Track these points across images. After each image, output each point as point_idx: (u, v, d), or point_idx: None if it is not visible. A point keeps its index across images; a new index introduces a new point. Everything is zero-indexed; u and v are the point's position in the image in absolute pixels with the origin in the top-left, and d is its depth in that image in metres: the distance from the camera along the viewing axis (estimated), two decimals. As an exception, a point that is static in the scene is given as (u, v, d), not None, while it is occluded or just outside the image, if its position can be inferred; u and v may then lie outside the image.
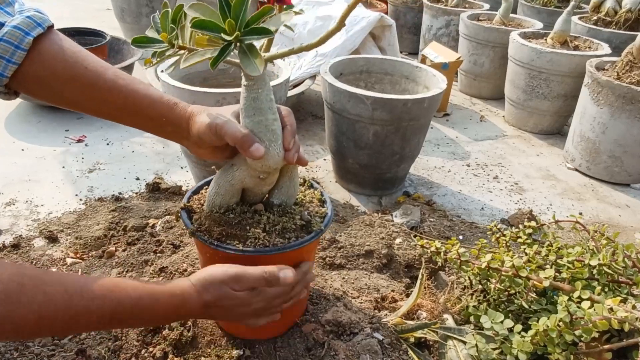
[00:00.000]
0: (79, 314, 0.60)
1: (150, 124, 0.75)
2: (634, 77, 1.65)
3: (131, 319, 0.66)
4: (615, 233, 0.93)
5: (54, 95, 0.73)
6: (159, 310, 0.67)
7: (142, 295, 0.66)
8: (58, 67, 0.70)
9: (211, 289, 0.69)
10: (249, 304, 0.72)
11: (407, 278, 1.15)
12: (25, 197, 1.45)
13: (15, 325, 0.55)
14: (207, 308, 0.70)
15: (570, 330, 0.74)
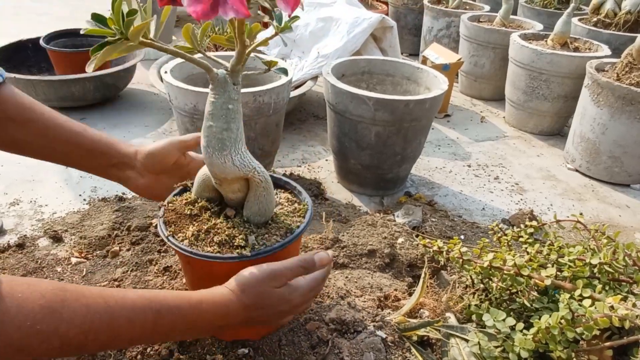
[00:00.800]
0: (122, 326, 0.60)
1: (100, 159, 0.84)
2: (633, 79, 1.66)
3: (172, 330, 0.65)
4: (615, 232, 0.94)
5: (7, 137, 0.80)
6: (199, 319, 0.66)
7: (182, 304, 0.65)
8: (13, 111, 0.78)
9: (250, 291, 0.68)
10: (288, 300, 0.71)
11: (410, 277, 1.16)
12: (29, 197, 1.46)
13: (62, 340, 0.55)
14: (249, 311, 0.69)
15: (572, 328, 0.75)
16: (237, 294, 0.68)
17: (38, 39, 2.13)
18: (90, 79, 1.90)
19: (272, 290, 0.69)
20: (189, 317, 0.65)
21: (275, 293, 0.69)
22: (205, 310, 0.66)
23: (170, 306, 0.64)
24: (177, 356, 0.88)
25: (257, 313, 0.70)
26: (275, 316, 0.73)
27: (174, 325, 0.64)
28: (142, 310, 0.61)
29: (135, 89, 2.36)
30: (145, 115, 2.09)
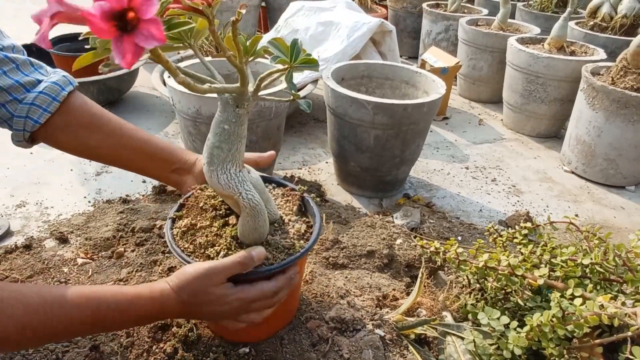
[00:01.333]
0: (61, 323, 0.64)
1: (161, 165, 0.90)
2: (628, 82, 1.69)
3: (113, 323, 0.69)
4: (607, 234, 0.97)
5: (78, 142, 0.87)
6: (137, 313, 0.70)
7: (120, 300, 0.69)
8: (84, 118, 0.85)
9: (187, 288, 0.71)
10: (225, 302, 0.72)
11: (408, 277, 1.19)
12: (35, 199, 1.49)
13: (0, 336, 0.59)
14: (186, 306, 0.72)
15: (563, 325, 0.78)
16: (174, 290, 0.71)
17: (42, 43, 2.16)
18: (94, 82, 1.94)
19: (208, 287, 0.71)
20: (127, 312, 0.69)
21: (211, 291, 0.71)
22: (142, 305, 0.70)
23: (109, 302, 0.68)
24: (182, 354, 0.91)
25: (194, 309, 0.73)
26: (213, 314, 0.74)
27: (113, 320, 0.69)
28: (79, 308, 0.66)
29: (138, 92, 2.39)
30: (148, 119, 2.12)
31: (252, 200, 0.73)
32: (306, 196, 0.89)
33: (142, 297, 0.70)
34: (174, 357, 0.91)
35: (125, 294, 0.70)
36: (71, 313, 0.65)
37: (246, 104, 0.70)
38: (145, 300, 0.71)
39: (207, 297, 0.72)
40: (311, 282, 1.08)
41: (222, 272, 0.71)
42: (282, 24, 2.29)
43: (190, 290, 0.71)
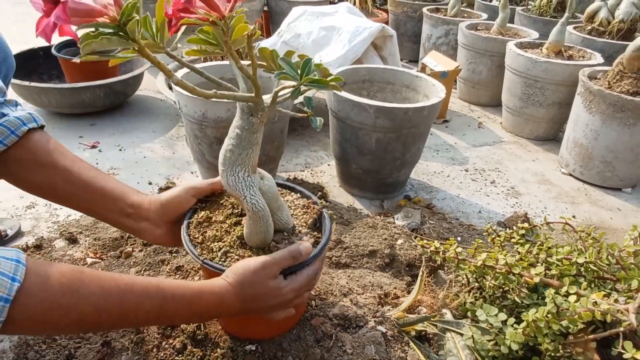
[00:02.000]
0: (131, 308, 0.67)
1: (113, 207, 0.87)
2: (624, 86, 1.73)
3: (175, 315, 0.72)
4: (601, 233, 1.00)
5: (29, 177, 0.85)
6: (200, 307, 0.73)
7: (186, 293, 0.72)
8: (40, 154, 0.84)
9: (245, 282, 0.74)
10: (280, 293, 0.77)
11: (408, 276, 1.22)
12: (44, 200, 1.53)
13: (79, 316, 0.62)
14: (245, 301, 0.75)
15: (557, 321, 0.81)
16: (233, 285, 0.74)
17: (49, 47, 2.20)
18: (101, 86, 1.97)
19: (265, 280, 0.75)
20: (191, 305, 0.72)
21: (267, 283, 0.75)
22: (206, 299, 0.73)
23: (175, 294, 0.71)
24: (190, 349, 0.94)
25: (251, 304, 0.76)
26: (268, 308, 0.79)
27: (177, 311, 0.71)
28: (150, 296, 0.69)
29: (143, 96, 2.43)
30: (153, 122, 2.16)
31: (256, 205, 0.77)
32: (324, 212, 0.90)
33: (206, 291, 0.74)
34: (182, 352, 0.94)
35: (190, 287, 0.73)
36: (141, 300, 0.68)
37: (260, 113, 0.73)
38: (209, 295, 0.74)
39: (264, 290, 0.75)
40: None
41: (276, 264, 0.76)
42: (284, 29, 2.33)
43: (248, 284, 0.74)
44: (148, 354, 0.95)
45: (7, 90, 0.88)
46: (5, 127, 0.81)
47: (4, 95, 0.86)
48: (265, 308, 0.79)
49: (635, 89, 1.70)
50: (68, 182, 0.85)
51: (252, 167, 0.78)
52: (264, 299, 0.76)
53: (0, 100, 0.84)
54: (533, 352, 0.92)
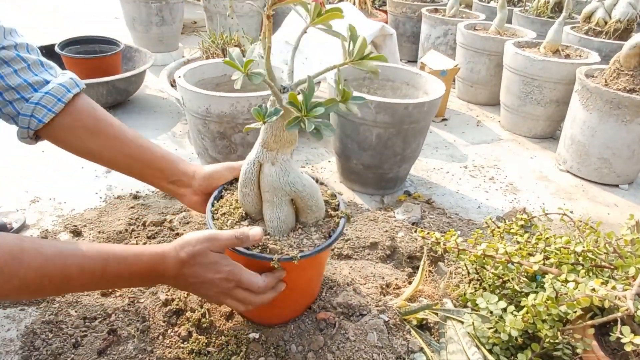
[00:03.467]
0: (73, 273, 0.69)
1: (159, 175, 0.92)
2: (620, 84, 1.75)
3: (118, 277, 0.74)
4: (598, 223, 1.02)
5: (79, 144, 0.89)
6: (141, 268, 0.75)
7: (127, 254, 0.74)
8: (88, 121, 0.87)
9: (187, 247, 0.76)
10: (217, 270, 0.77)
11: (409, 268, 1.24)
12: (48, 195, 1.54)
13: (21, 283, 0.65)
14: (183, 266, 0.76)
15: (556, 306, 0.83)
16: (175, 248, 0.76)
17: (52, 46, 2.21)
18: (103, 84, 1.99)
19: (207, 251, 0.76)
20: (132, 266, 0.74)
21: (209, 255, 0.76)
22: (146, 261, 0.75)
23: (117, 256, 0.73)
24: (196, 337, 0.96)
25: (189, 271, 0.76)
26: (203, 283, 0.78)
27: (120, 273, 0.73)
28: (92, 259, 0.71)
29: (145, 94, 2.44)
30: (155, 119, 2.18)
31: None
32: (342, 220, 0.89)
33: (146, 252, 0.76)
34: (188, 339, 0.96)
35: (132, 249, 0.76)
36: (83, 263, 0.70)
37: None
38: (149, 255, 0.75)
39: (203, 259, 0.76)
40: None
41: (220, 240, 0.77)
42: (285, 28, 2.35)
43: (190, 250, 0.76)
44: (154, 341, 0.97)
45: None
46: (52, 95, 0.83)
47: (40, 55, 0.87)
48: (199, 283, 0.78)
49: (631, 86, 1.73)
50: (118, 151, 0.88)
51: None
52: (201, 269, 0.77)
53: (37, 60, 0.85)
54: (532, 340, 0.94)
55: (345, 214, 0.89)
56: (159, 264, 0.76)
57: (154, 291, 1.09)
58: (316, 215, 0.87)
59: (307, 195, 0.83)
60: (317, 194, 0.85)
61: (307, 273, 0.92)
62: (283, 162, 0.81)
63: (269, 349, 0.93)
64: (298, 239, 0.84)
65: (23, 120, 0.84)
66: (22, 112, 0.83)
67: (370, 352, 0.92)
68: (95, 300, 1.08)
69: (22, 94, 0.83)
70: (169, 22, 2.91)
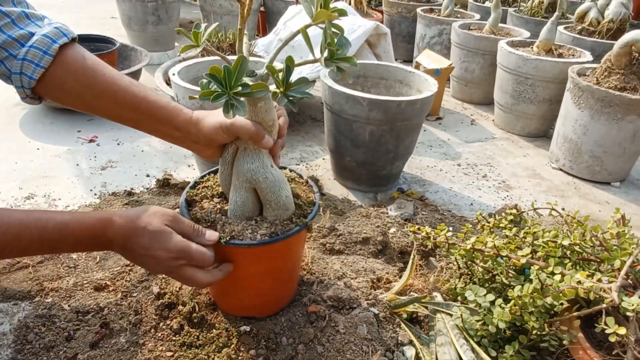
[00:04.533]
0: (8, 240, 0.69)
1: (161, 128, 0.85)
2: (611, 82, 1.77)
3: (59, 242, 0.73)
4: (585, 217, 1.04)
5: (75, 99, 0.83)
6: (84, 233, 0.73)
7: (67, 220, 0.73)
8: (79, 73, 0.81)
9: (140, 209, 0.76)
10: (168, 249, 0.75)
11: (401, 263, 1.25)
12: (43, 191, 1.55)
13: None
14: (133, 234, 0.74)
15: (541, 297, 0.85)
16: (129, 215, 0.75)
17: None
18: (99, 81, 2.00)
19: (162, 225, 0.75)
20: (76, 232, 0.73)
21: (163, 227, 0.75)
22: (90, 226, 0.74)
23: (57, 222, 0.72)
24: (187, 330, 0.97)
25: (140, 240, 0.74)
26: (151, 258, 0.75)
27: (62, 239, 0.72)
28: (27, 227, 0.70)
29: (140, 92, 2.45)
30: (150, 117, 2.19)
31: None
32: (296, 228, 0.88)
33: (91, 218, 0.74)
34: (179, 332, 0.97)
35: (75, 214, 0.75)
36: (19, 231, 0.69)
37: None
38: (94, 220, 0.74)
39: (156, 231, 0.74)
40: (310, 265, 1.14)
41: (179, 222, 0.77)
42: (280, 27, 2.37)
43: (141, 210, 0.76)
44: (146, 334, 0.98)
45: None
46: (36, 48, 0.77)
47: (27, 7, 0.81)
48: (151, 256, 0.76)
49: (622, 84, 1.75)
50: (115, 102, 0.82)
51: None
52: (152, 242, 0.75)
53: (21, 13, 0.79)
54: (520, 332, 0.95)
55: (303, 222, 0.86)
56: (106, 230, 0.74)
57: (146, 285, 1.10)
58: (276, 213, 0.86)
59: (266, 189, 0.83)
60: (280, 192, 0.84)
61: (252, 267, 0.90)
62: (253, 150, 0.82)
63: (259, 342, 0.94)
64: (245, 228, 0.84)
65: (16, 79, 0.79)
66: (13, 70, 0.78)
67: (360, 345, 0.93)
68: (89, 294, 1.09)
69: (9, 51, 0.77)
70: (165, 22, 2.92)
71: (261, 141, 0.79)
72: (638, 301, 0.82)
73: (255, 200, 0.86)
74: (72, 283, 1.11)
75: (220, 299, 1.01)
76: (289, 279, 1.00)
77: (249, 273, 0.91)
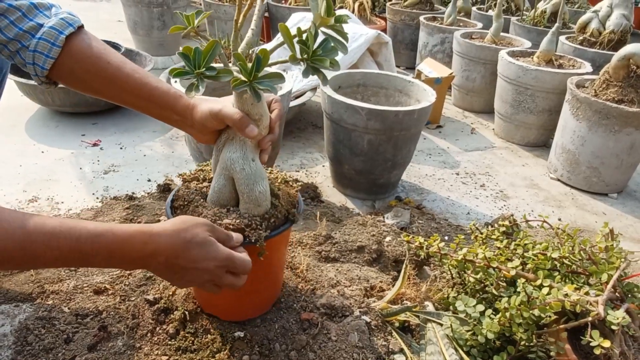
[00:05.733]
0: (38, 250, 0.66)
1: (161, 112, 0.89)
2: (609, 95, 1.78)
3: (92, 256, 0.70)
4: (574, 230, 1.05)
5: (84, 85, 0.88)
6: (121, 247, 0.71)
7: (104, 232, 0.70)
8: (86, 62, 0.86)
9: (190, 228, 0.75)
10: (217, 258, 0.77)
11: (395, 271, 1.27)
12: (46, 194, 1.58)
13: None
14: (182, 247, 0.74)
15: (528, 309, 0.86)
16: (175, 229, 0.75)
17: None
18: (103, 86, 2.03)
19: (207, 234, 0.76)
20: (112, 245, 0.70)
21: (209, 239, 0.76)
22: (127, 238, 0.72)
23: (91, 234, 0.69)
24: (183, 334, 0.99)
25: (188, 253, 0.75)
26: (196, 270, 0.76)
27: (92, 251, 0.69)
28: (58, 237, 0.67)
29: (144, 97, 2.48)
30: (154, 122, 2.22)
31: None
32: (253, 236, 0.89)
33: (130, 230, 0.72)
34: (175, 337, 0.99)
35: (110, 228, 0.72)
36: (50, 242, 0.67)
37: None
38: (130, 233, 0.72)
39: (204, 242, 0.76)
40: (305, 272, 1.16)
41: (215, 227, 0.79)
42: (283, 34, 2.39)
43: (181, 222, 0.76)
44: (142, 338, 1.00)
45: None
46: (45, 40, 0.81)
47: (30, 3, 0.84)
48: (196, 268, 0.77)
49: (620, 97, 1.76)
50: (119, 89, 0.87)
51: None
52: (201, 253, 0.76)
53: (30, 5, 0.82)
54: (509, 343, 0.97)
55: (257, 235, 0.85)
56: (146, 244, 0.73)
57: (145, 290, 1.12)
58: (247, 206, 0.85)
59: (240, 179, 0.83)
60: (254, 186, 0.84)
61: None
62: (239, 141, 0.84)
63: (253, 347, 0.96)
64: (215, 214, 0.84)
65: (30, 69, 0.85)
66: (27, 61, 0.83)
67: (351, 352, 0.95)
68: (88, 297, 1.11)
69: (22, 43, 0.82)
70: (170, 27, 2.94)
71: (244, 129, 0.80)
72: (623, 315, 0.84)
73: (232, 189, 0.87)
74: (73, 286, 1.13)
75: (202, 301, 1.04)
76: (257, 288, 0.99)
77: None
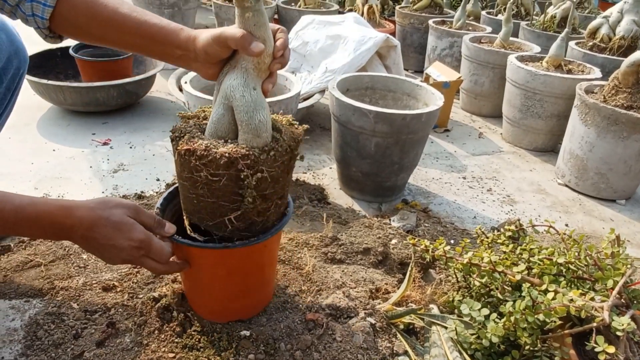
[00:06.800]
0: None
1: (164, 49, 0.86)
2: (618, 101, 1.78)
3: (16, 225, 0.75)
4: (580, 236, 1.05)
5: (84, 32, 0.89)
6: (42, 219, 0.76)
7: (26, 206, 0.75)
8: (82, 7, 0.86)
9: (107, 207, 0.79)
10: (132, 238, 0.79)
11: (400, 274, 1.27)
12: (57, 192, 1.60)
13: None
14: (95, 224, 0.77)
15: (532, 314, 0.87)
16: (91, 205, 0.79)
17: (67, 48, 2.29)
18: (114, 86, 2.06)
19: (124, 215, 0.80)
20: (31, 216, 0.75)
21: (125, 218, 0.80)
22: (48, 212, 0.76)
23: (15, 206, 0.75)
24: (189, 332, 1.01)
25: (102, 230, 0.78)
26: (112, 248, 0.80)
27: (17, 221, 0.75)
28: None
29: (154, 97, 2.51)
30: (163, 122, 2.24)
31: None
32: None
33: (50, 204, 0.77)
34: (182, 335, 1.00)
35: (33, 199, 0.77)
36: None
37: None
38: (54, 207, 0.77)
39: (119, 222, 0.79)
40: (311, 273, 1.17)
41: (139, 210, 0.81)
42: (293, 36, 2.41)
43: (102, 201, 0.79)
44: (150, 335, 1.01)
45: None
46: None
47: None
48: (112, 246, 0.80)
49: (629, 103, 1.75)
50: (119, 31, 0.85)
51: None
52: (115, 232, 0.79)
53: None
54: (514, 347, 0.97)
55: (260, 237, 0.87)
56: (66, 218, 0.77)
57: (152, 287, 1.14)
58: (246, 137, 0.81)
59: (239, 107, 0.80)
60: (254, 114, 0.80)
61: (213, 268, 0.95)
62: (240, 68, 0.80)
63: (259, 347, 0.97)
64: (210, 143, 0.81)
65: (31, 21, 0.86)
66: (27, 13, 0.84)
67: (355, 353, 0.96)
68: (97, 294, 1.13)
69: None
70: (180, 28, 2.98)
71: (248, 47, 0.75)
72: (628, 321, 0.84)
73: (232, 120, 0.83)
74: (82, 283, 1.15)
75: (189, 300, 1.06)
76: (249, 287, 1.01)
77: (210, 273, 0.95)
